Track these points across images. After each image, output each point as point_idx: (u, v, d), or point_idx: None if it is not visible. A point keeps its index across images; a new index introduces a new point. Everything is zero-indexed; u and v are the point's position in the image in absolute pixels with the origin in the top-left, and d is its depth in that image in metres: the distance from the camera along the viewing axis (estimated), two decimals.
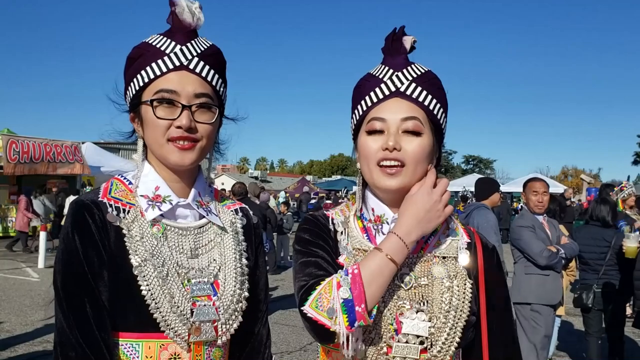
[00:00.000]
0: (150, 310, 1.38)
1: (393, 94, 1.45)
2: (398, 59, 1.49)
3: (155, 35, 1.52)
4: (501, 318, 1.53)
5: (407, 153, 1.41)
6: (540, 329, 5.17)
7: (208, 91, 1.49)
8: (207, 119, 1.48)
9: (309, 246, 1.47)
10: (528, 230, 5.23)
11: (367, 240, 1.49)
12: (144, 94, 1.48)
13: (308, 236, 1.50)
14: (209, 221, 1.57)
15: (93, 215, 1.43)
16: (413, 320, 1.38)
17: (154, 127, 1.46)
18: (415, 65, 1.50)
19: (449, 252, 1.49)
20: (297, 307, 1.36)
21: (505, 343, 1.53)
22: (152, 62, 1.46)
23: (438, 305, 1.41)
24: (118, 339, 1.41)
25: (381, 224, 1.50)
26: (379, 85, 1.47)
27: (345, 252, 1.46)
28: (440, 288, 1.43)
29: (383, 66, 1.51)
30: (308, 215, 1.58)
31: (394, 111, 1.43)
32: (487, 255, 1.54)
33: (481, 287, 1.49)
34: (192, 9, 1.47)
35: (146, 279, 1.39)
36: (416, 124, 1.43)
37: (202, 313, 1.44)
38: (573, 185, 40.45)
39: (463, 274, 1.47)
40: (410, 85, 1.45)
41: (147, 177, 1.53)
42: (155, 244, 1.44)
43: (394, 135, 1.41)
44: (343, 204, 1.62)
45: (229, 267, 1.53)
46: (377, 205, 1.51)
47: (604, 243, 5.63)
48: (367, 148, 1.45)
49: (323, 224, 1.53)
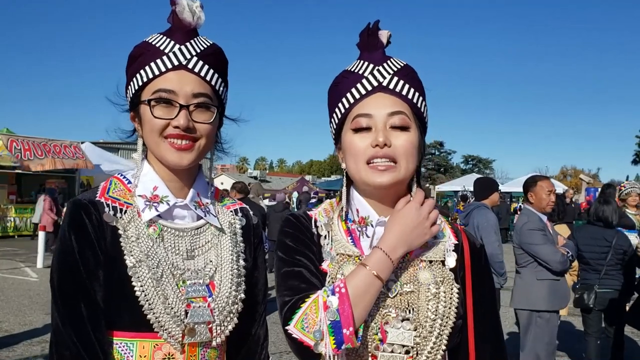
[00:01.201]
0: (144, 311, 1.38)
1: (376, 88, 1.41)
2: (376, 54, 1.46)
3: (155, 35, 1.52)
4: (487, 318, 1.50)
5: (397, 149, 1.37)
6: (546, 336, 5.05)
7: (207, 91, 1.48)
8: (206, 119, 1.48)
9: (292, 254, 1.43)
10: (540, 233, 5.02)
11: (352, 244, 1.45)
12: (143, 93, 1.48)
13: (290, 242, 1.45)
14: (206, 222, 1.56)
15: (90, 215, 1.43)
16: (398, 330, 1.34)
17: (151, 126, 1.46)
18: (393, 59, 1.46)
19: (436, 256, 1.44)
20: (282, 324, 1.34)
21: (491, 342, 1.50)
22: (151, 61, 1.46)
23: (424, 313, 1.36)
24: (112, 338, 1.42)
25: (365, 226, 1.45)
26: (360, 80, 1.42)
27: (328, 257, 1.42)
28: (427, 295, 1.38)
29: (361, 61, 1.47)
30: (289, 215, 1.53)
31: (379, 106, 1.39)
32: (474, 255, 1.50)
33: (468, 288, 1.46)
34: (193, 8, 1.47)
35: (140, 280, 1.39)
36: (403, 119, 1.39)
37: (197, 314, 1.44)
38: (572, 185, 40.44)
39: (450, 278, 1.42)
40: (392, 79, 1.42)
41: (146, 176, 1.52)
42: (150, 245, 1.44)
43: (382, 131, 1.37)
44: (326, 203, 1.57)
45: (225, 269, 1.52)
46: (361, 206, 1.46)
47: (605, 243, 5.61)
48: (354, 146, 1.40)
49: (305, 226, 1.48)
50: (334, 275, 1.39)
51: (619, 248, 5.58)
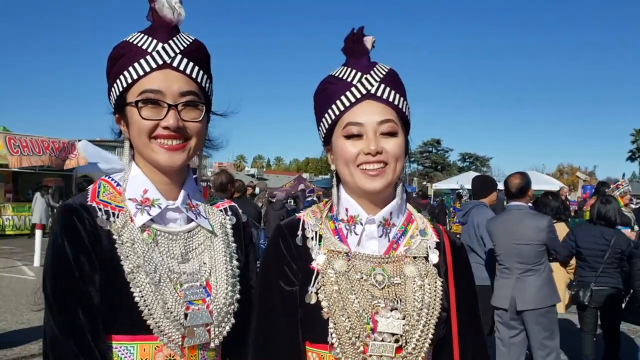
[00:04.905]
0: (144, 317, 1.37)
1: (365, 96, 1.49)
2: (362, 61, 1.53)
3: (135, 34, 1.48)
4: (469, 313, 1.58)
5: (388, 153, 1.47)
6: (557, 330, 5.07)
7: (194, 89, 1.46)
8: (195, 117, 1.46)
9: (271, 291, 1.50)
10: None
11: (339, 241, 1.52)
12: (128, 95, 1.45)
13: (272, 272, 1.51)
14: (198, 224, 1.55)
15: (83, 220, 1.40)
16: (388, 319, 1.42)
17: (139, 128, 1.43)
18: (379, 66, 1.54)
19: (419, 252, 1.53)
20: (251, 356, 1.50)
21: (473, 336, 1.59)
22: (134, 61, 1.43)
23: (411, 303, 1.44)
24: (112, 342, 1.40)
25: (354, 224, 1.53)
26: (349, 88, 1.50)
27: (317, 256, 1.50)
28: (413, 287, 1.47)
29: (348, 68, 1.53)
30: (275, 233, 1.57)
31: (368, 114, 1.48)
32: (455, 253, 1.60)
33: (450, 283, 1.55)
34: (172, 4, 1.44)
35: (138, 286, 1.37)
36: (392, 126, 1.48)
37: (196, 317, 1.43)
38: (569, 183, 40.54)
39: (433, 272, 1.51)
40: (379, 86, 1.50)
41: (135, 179, 1.50)
42: (146, 250, 1.42)
43: (374, 139, 1.46)
44: (314, 206, 1.65)
45: (219, 270, 1.52)
46: (351, 205, 1.54)
47: (603, 241, 5.63)
48: (346, 152, 1.48)
49: (288, 245, 1.53)
50: (324, 270, 1.47)
51: (618, 247, 5.60)
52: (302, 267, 1.50)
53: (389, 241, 1.54)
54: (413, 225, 1.59)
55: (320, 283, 1.45)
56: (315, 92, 1.59)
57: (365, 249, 1.51)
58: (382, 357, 1.41)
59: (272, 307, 1.49)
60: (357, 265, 1.48)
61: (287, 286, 1.49)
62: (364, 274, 1.47)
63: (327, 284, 1.44)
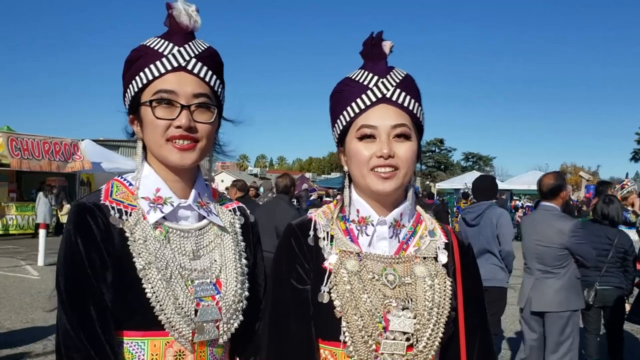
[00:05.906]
0: (155, 313, 1.40)
1: (380, 100, 1.51)
2: (380, 65, 1.56)
3: (153, 38, 1.54)
4: (476, 312, 1.61)
5: (400, 157, 1.49)
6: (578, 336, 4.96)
7: (207, 91, 1.51)
8: (206, 119, 1.50)
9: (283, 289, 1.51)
10: None
11: (350, 242, 1.54)
12: (143, 95, 1.50)
13: (284, 270, 1.53)
14: (209, 222, 1.58)
15: (95, 218, 1.44)
16: (399, 318, 1.44)
17: (153, 127, 1.47)
18: (396, 70, 1.57)
19: (429, 253, 1.56)
20: None
21: (479, 335, 1.61)
22: (150, 63, 1.48)
23: (422, 302, 1.47)
24: (123, 338, 1.43)
25: (365, 225, 1.55)
26: (365, 92, 1.52)
27: (329, 255, 1.52)
28: (423, 286, 1.50)
29: (365, 72, 1.56)
30: (287, 232, 1.58)
31: (383, 118, 1.50)
32: (463, 253, 1.63)
33: (458, 283, 1.58)
34: (189, 12, 1.50)
35: (150, 282, 1.41)
36: (405, 130, 1.50)
37: (206, 313, 1.47)
38: (572, 182, 40.45)
39: (443, 272, 1.54)
40: (395, 91, 1.52)
41: (147, 178, 1.54)
42: (158, 247, 1.46)
43: (387, 142, 1.48)
44: (325, 207, 1.66)
45: (229, 268, 1.55)
46: (362, 207, 1.56)
47: (607, 241, 5.62)
48: (360, 154, 1.51)
49: (300, 244, 1.54)
50: (336, 270, 1.49)
51: (621, 247, 5.60)
52: (314, 266, 1.52)
53: (399, 242, 1.56)
54: (422, 226, 1.61)
55: (332, 282, 1.47)
56: (331, 94, 1.61)
57: (376, 250, 1.54)
58: (393, 355, 1.43)
59: (284, 306, 1.51)
60: (368, 265, 1.50)
61: (300, 285, 1.51)
62: (375, 273, 1.49)
63: (340, 283, 1.46)
